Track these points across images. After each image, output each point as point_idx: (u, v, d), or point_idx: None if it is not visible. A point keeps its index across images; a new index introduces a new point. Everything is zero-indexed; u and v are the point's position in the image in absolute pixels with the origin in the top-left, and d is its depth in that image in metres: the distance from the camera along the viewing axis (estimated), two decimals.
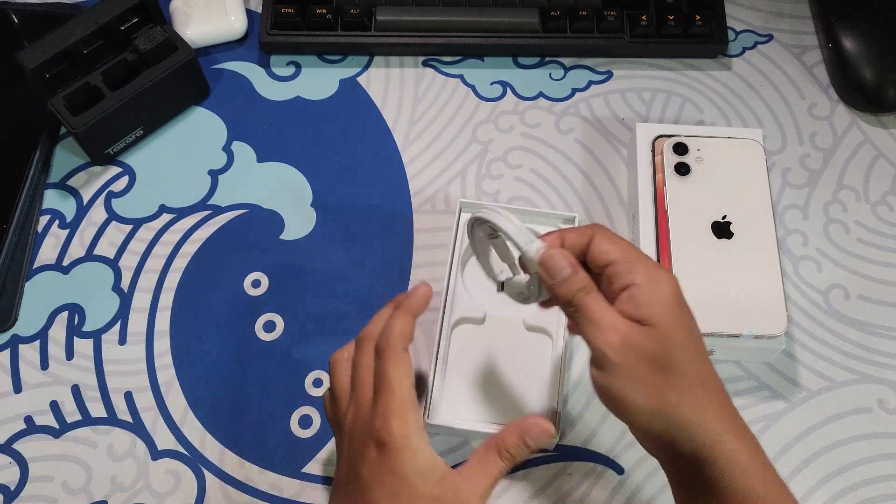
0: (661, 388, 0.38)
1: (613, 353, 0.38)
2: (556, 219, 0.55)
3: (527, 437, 0.41)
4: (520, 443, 0.41)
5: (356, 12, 0.63)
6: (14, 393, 0.53)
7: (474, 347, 0.52)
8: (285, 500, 0.50)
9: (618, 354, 0.38)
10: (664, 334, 0.38)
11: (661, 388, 0.38)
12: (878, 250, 0.57)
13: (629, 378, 0.38)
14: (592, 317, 0.39)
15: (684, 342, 0.38)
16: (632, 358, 0.38)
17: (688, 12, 0.63)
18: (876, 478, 0.50)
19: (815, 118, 0.62)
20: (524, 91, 0.63)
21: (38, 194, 0.59)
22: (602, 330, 0.38)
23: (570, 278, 0.40)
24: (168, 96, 0.60)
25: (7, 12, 0.65)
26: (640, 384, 0.38)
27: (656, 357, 0.38)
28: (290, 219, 0.58)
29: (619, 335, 0.38)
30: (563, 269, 0.40)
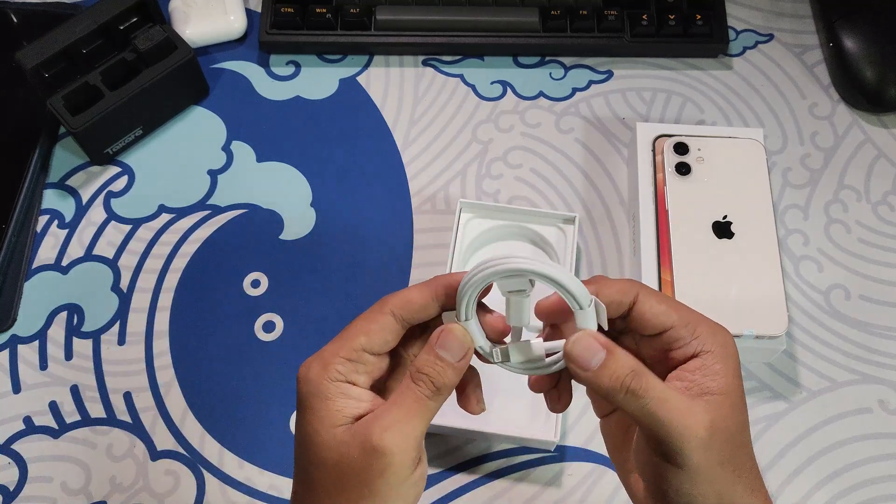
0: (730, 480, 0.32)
1: (695, 451, 0.31)
2: (556, 219, 0.55)
3: (436, 349, 0.34)
4: (431, 357, 0.34)
5: (356, 12, 0.63)
6: (13, 393, 0.53)
7: None
8: (285, 500, 0.50)
9: (703, 454, 0.31)
10: (742, 408, 0.33)
11: (730, 481, 0.32)
12: (879, 250, 0.57)
13: (705, 477, 0.32)
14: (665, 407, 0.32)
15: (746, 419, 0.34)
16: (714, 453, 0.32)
17: (688, 12, 0.63)
18: (877, 478, 0.50)
19: (815, 118, 0.62)
20: (524, 91, 0.63)
21: (38, 194, 0.59)
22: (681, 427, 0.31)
23: (609, 362, 0.33)
24: (167, 96, 0.60)
25: (6, 12, 0.65)
26: (713, 480, 0.32)
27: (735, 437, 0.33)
28: (290, 219, 0.58)
29: (706, 430, 0.31)
30: (596, 351, 0.33)
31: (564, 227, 0.55)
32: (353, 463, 0.32)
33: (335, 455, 0.33)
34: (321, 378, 0.33)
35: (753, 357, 0.53)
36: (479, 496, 0.50)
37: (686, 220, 0.52)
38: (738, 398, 0.33)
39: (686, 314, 0.34)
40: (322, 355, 0.34)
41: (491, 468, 0.50)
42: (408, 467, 0.33)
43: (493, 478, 0.50)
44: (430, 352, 0.34)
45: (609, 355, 0.33)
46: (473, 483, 0.50)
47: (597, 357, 0.33)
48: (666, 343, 0.34)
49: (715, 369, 0.33)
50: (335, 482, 0.33)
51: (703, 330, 0.34)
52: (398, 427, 0.32)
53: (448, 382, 0.34)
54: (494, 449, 0.51)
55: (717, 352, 0.33)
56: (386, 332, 0.34)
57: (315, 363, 0.34)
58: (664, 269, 0.51)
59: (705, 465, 0.32)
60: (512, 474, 0.50)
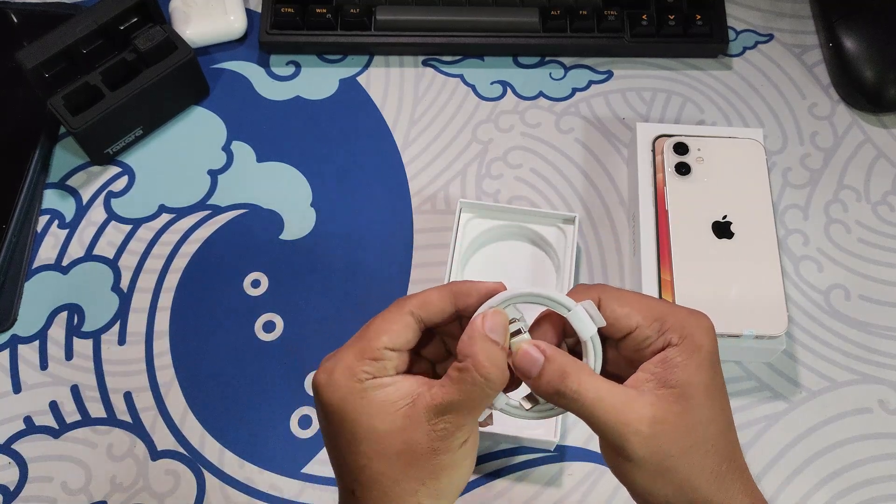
0: (691, 474, 0.33)
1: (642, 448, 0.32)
2: (556, 219, 0.55)
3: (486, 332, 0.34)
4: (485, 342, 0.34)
5: (356, 12, 0.63)
6: (13, 393, 0.53)
7: None
8: (285, 500, 0.50)
9: (646, 449, 0.32)
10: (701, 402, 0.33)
11: (689, 475, 0.33)
12: (879, 250, 0.57)
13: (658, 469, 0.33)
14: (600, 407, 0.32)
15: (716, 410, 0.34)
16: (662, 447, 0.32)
17: (688, 12, 0.63)
18: (877, 478, 0.50)
19: (815, 118, 0.62)
20: (524, 91, 0.63)
21: (38, 194, 0.59)
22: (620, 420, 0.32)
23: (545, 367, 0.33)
24: (168, 96, 0.60)
25: (7, 12, 0.65)
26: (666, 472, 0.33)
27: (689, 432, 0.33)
28: (290, 219, 0.58)
29: (648, 426, 0.32)
30: (536, 359, 0.33)
31: (564, 227, 0.55)
32: (420, 445, 0.33)
33: (399, 444, 0.33)
34: (350, 381, 0.34)
35: (753, 357, 0.53)
36: (479, 496, 0.50)
37: (686, 221, 0.52)
38: (700, 391, 0.33)
39: (654, 311, 0.34)
40: (343, 360, 0.34)
41: (491, 468, 0.50)
42: (471, 442, 0.34)
43: (493, 478, 0.50)
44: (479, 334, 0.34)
45: (545, 361, 0.33)
46: (473, 483, 0.50)
47: (536, 365, 0.33)
48: (635, 343, 0.34)
49: (676, 362, 0.33)
50: (404, 466, 0.33)
51: (672, 324, 0.34)
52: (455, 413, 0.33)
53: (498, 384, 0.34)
54: (494, 449, 0.51)
55: (683, 345, 0.33)
56: (408, 330, 0.35)
57: (338, 369, 0.34)
58: (664, 269, 0.51)
59: (654, 459, 0.32)
60: (512, 474, 0.50)
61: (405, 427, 0.33)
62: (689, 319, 0.34)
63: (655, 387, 0.33)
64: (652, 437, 0.32)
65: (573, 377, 0.33)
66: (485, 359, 0.33)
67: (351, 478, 0.34)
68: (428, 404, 0.33)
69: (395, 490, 0.34)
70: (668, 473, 0.33)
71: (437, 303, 0.35)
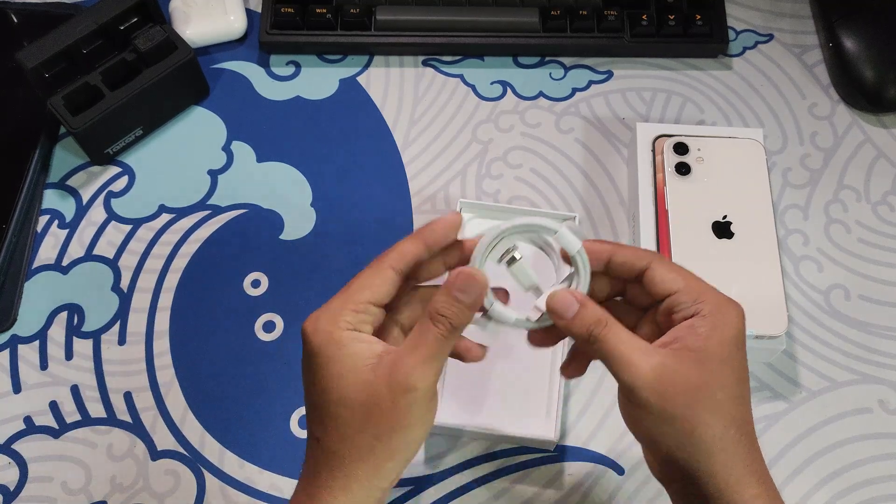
0: (695, 428, 0.35)
1: (646, 391, 0.35)
2: (556, 219, 0.55)
3: (453, 291, 0.37)
4: (448, 299, 0.37)
5: (356, 12, 0.63)
6: (13, 393, 0.53)
7: None
8: (285, 500, 0.50)
9: (652, 392, 0.35)
10: (715, 369, 0.36)
11: (694, 428, 0.35)
12: (879, 250, 0.57)
13: (662, 415, 0.35)
14: (619, 349, 0.36)
15: (730, 382, 0.36)
16: (667, 393, 0.35)
17: (688, 12, 0.63)
18: (877, 478, 0.50)
19: (815, 118, 0.62)
20: (524, 91, 0.63)
21: (38, 194, 0.59)
22: (632, 362, 0.36)
23: (581, 312, 0.37)
24: (168, 96, 0.60)
25: (7, 12, 0.65)
26: (672, 420, 0.35)
27: (696, 390, 0.35)
28: (290, 219, 0.58)
29: (654, 371, 0.35)
30: (571, 304, 0.37)
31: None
32: (381, 400, 0.36)
33: (362, 395, 0.36)
34: (332, 328, 0.36)
35: (753, 357, 0.52)
36: (479, 496, 0.50)
37: (686, 220, 0.52)
38: (717, 360, 0.36)
39: (694, 284, 0.37)
40: (329, 308, 0.37)
41: (491, 468, 0.50)
42: (430, 399, 0.37)
43: (493, 478, 0.50)
44: (447, 294, 0.37)
45: (581, 307, 0.37)
46: (473, 483, 0.50)
47: (571, 309, 0.37)
48: (670, 307, 0.37)
49: (700, 331, 0.36)
50: (364, 418, 0.36)
51: (707, 299, 0.37)
52: (423, 366, 0.36)
53: (465, 322, 0.37)
54: (494, 449, 0.51)
55: (711, 318, 0.36)
56: (388, 284, 0.38)
57: (323, 316, 0.37)
58: None
59: (659, 405, 0.35)
60: (512, 474, 0.50)
61: (371, 381, 0.36)
62: (724, 300, 0.37)
63: (676, 348, 0.36)
64: (659, 384, 0.35)
65: (609, 326, 0.37)
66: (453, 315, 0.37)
67: (318, 423, 0.37)
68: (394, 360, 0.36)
69: (355, 440, 0.36)
70: (673, 422, 0.35)
71: (412, 251, 0.38)
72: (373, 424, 0.36)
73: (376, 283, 0.38)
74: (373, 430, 0.36)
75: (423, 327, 0.37)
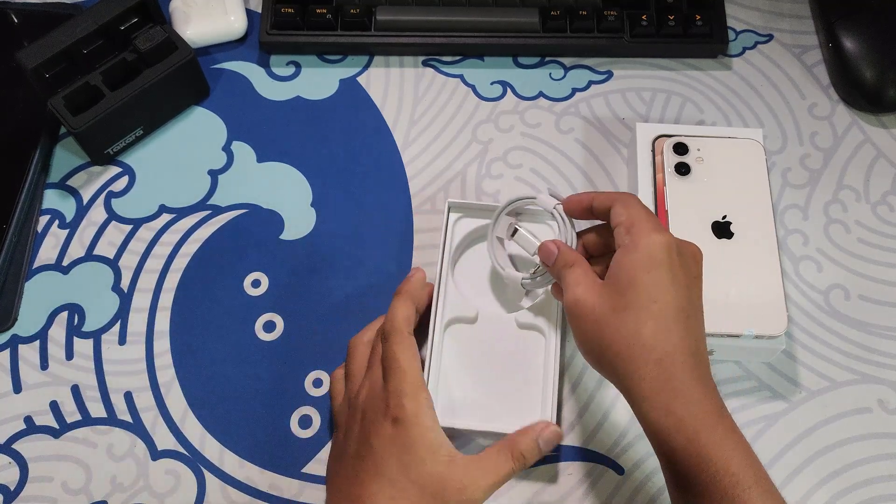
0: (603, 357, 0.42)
1: (570, 318, 0.43)
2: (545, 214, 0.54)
3: (540, 440, 0.43)
4: (533, 446, 0.43)
5: (356, 12, 0.63)
6: (14, 393, 0.53)
7: (468, 347, 0.52)
8: (285, 500, 0.50)
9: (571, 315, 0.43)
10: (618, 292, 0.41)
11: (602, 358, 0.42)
12: (879, 250, 0.57)
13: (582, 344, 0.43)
14: (563, 283, 0.44)
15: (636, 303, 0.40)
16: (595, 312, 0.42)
17: (688, 12, 0.63)
18: (876, 478, 0.50)
19: (815, 118, 0.62)
20: (524, 91, 0.63)
21: (38, 194, 0.59)
22: (565, 294, 0.44)
23: (557, 258, 0.46)
24: (168, 96, 0.60)
25: (7, 12, 0.65)
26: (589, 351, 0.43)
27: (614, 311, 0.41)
28: (290, 219, 0.58)
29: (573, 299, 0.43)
30: (552, 251, 0.46)
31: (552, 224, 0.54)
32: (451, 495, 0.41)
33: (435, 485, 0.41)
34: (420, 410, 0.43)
35: (753, 357, 0.53)
36: None
37: (686, 221, 0.52)
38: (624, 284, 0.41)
39: (634, 218, 0.43)
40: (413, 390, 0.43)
41: None
42: None
43: None
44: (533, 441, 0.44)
45: (559, 252, 0.46)
46: None
47: (552, 255, 0.46)
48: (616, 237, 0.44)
49: (616, 259, 0.42)
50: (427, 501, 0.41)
51: (634, 228, 0.42)
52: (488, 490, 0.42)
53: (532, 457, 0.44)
54: None
55: (628, 246, 0.42)
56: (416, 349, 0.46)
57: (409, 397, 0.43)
58: None
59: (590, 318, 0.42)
60: None
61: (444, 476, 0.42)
62: (648, 229, 0.42)
63: (608, 276, 0.43)
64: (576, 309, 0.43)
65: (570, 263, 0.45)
66: None
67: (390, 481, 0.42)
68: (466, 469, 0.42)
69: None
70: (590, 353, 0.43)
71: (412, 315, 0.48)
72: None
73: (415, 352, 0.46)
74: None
75: (499, 455, 0.43)
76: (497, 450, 0.43)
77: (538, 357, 0.51)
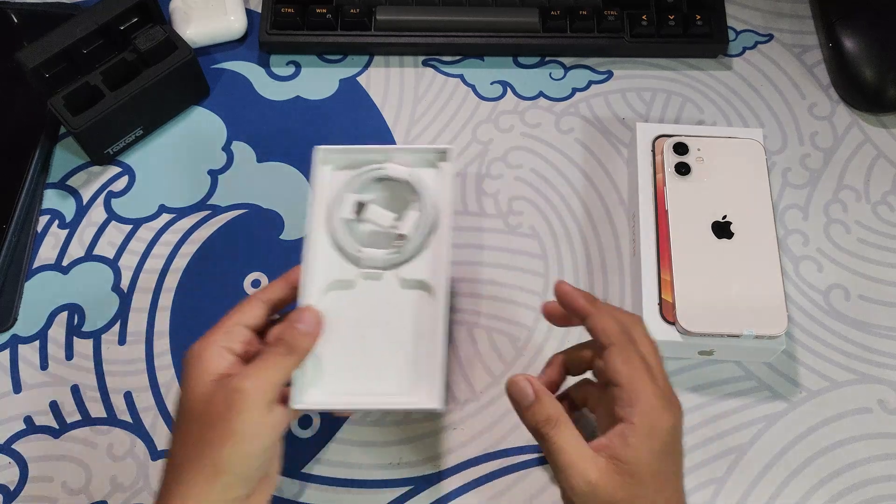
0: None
1: (577, 497, 0.38)
2: (428, 154, 0.48)
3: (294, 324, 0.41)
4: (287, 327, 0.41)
5: (356, 12, 0.63)
6: (14, 393, 0.53)
7: (346, 315, 0.45)
8: (285, 500, 0.50)
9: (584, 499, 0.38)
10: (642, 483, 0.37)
11: None
12: (879, 250, 0.57)
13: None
14: (560, 457, 0.38)
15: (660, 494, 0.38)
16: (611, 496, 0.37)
17: (688, 12, 0.63)
18: (876, 478, 0.50)
19: (815, 118, 0.62)
20: (524, 91, 0.63)
21: (38, 194, 0.59)
22: (570, 473, 0.38)
23: (534, 407, 0.40)
24: (168, 96, 0.60)
25: (7, 12, 0.65)
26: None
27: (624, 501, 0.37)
28: (290, 219, 0.58)
29: (588, 485, 0.37)
30: (527, 395, 0.40)
31: (440, 164, 0.48)
32: (217, 407, 0.38)
33: (203, 405, 0.39)
34: (201, 347, 0.40)
35: (753, 357, 0.53)
36: (479, 496, 0.50)
37: (686, 221, 0.52)
38: (648, 475, 0.37)
39: (635, 383, 0.39)
40: (204, 334, 0.41)
41: (491, 468, 0.50)
42: (263, 407, 0.39)
43: (493, 478, 0.50)
44: (287, 324, 0.41)
45: (536, 401, 0.40)
46: (473, 483, 0.50)
47: (527, 399, 0.40)
48: (612, 397, 0.39)
49: (631, 441, 0.38)
50: (201, 428, 0.38)
51: (640, 403, 0.38)
52: (254, 374, 0.39)
53: (301, 345, 0.41)
54: (494, 449, 0.51)
55: (640, 427, 0.38)
56: (255, 309, 0.43)
57: (198, 341, 0.41)
58: (664, 269, 0.51)
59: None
60: (512, 474, 0.50)
61: (212, 391, 0.39)
62: (657, 405, 0.38)
63: (611, 457, 0.38)
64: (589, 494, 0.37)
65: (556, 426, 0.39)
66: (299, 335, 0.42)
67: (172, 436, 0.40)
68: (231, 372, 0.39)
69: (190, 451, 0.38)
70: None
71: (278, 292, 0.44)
72: (206, 433, 0.38)
73: (244, 308, 0.43)
74: (206, 438, 0.38)
75: (262, 349, 0.41)
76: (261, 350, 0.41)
77: (426, 317, 0.45)
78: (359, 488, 0.50)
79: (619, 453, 0.38)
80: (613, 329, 0.40)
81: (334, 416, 0.51)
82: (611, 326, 0.40)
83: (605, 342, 0.40)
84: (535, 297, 0.55)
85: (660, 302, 0.51)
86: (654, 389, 0.39)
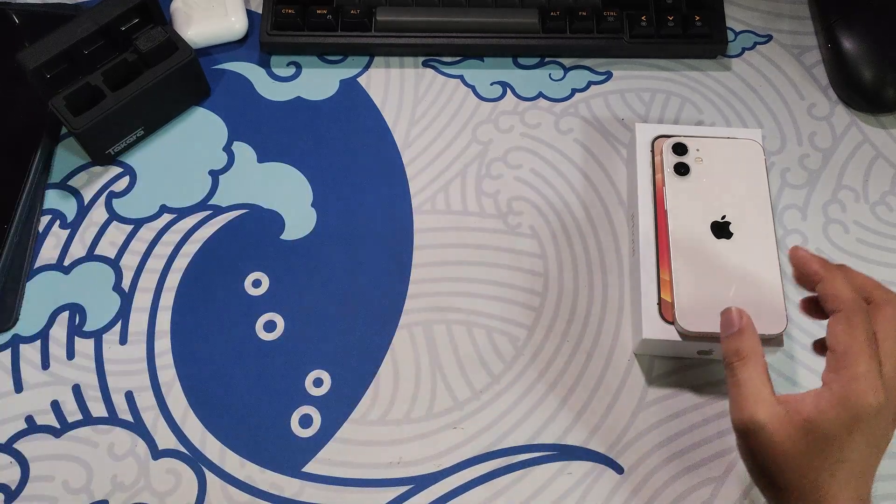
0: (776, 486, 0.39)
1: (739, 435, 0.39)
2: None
3: None
4: None
5: (356, 13, 0.63)
6: (15, 392, 0.53)
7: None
8: (286, 499, 0.50)
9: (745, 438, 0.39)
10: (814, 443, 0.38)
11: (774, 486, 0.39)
12: (878, 250, 0.57)
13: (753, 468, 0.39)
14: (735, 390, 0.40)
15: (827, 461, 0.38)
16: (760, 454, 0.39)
17: (687, 12, 0.64)
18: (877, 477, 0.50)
19: (814, 118, 0.62)
20: (524, 91, 0.63)
21: (39, 194, 0.59)
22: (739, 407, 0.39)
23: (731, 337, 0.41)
24: (169, 96, 0.60)
25: (7, 12, 0.65)
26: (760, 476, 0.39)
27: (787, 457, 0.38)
28: (290, 219, 0.59)
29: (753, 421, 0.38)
30: (731, 325, 0.42)
31: None
32: None
33: None
34: None
35: None
36: (479, 495, 0.50)
37: (685, 221, 0.52)
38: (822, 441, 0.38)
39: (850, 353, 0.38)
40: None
41: (491, 467, 0.51)
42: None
43: (493, 477, 0.50)
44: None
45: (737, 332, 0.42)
46: (473, 482, 0.50)
47: (730, 329, 0.42)
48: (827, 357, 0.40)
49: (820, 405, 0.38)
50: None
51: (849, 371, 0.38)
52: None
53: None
54: (495, 448, 0.51)
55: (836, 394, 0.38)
56: None
57: None
58: (663, 269, 0.52)
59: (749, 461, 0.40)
60: (512, 473, 0.50)
61: None
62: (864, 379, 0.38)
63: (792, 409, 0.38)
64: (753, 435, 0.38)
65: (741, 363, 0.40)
66: None
67: None
68: None
69: None
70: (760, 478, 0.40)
71: None
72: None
73: None
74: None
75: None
76: None
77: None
78: (359, 488, 0.50)
79: (803, 409, 0.38)
80: (844, 296, 0.40)
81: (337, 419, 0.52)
82: (842, 293, 0.40)
83: (832, 308, 0.40)
84: (535, 297, 0.56)
85: (659, 302, 0.51)
86: (870, 365, 0.38)
